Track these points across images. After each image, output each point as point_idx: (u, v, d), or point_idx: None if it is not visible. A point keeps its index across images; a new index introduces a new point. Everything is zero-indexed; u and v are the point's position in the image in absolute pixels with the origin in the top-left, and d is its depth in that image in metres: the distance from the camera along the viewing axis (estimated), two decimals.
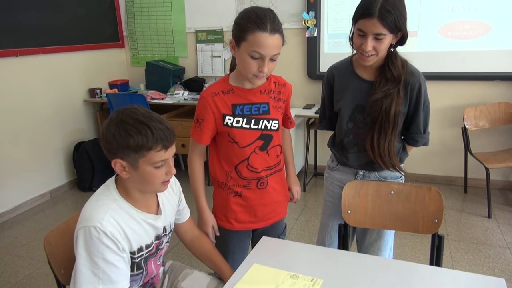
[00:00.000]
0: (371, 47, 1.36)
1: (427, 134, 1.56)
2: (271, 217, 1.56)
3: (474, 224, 2.85)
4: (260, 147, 1.44)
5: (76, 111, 3.86)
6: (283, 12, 3.65)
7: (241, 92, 1.41)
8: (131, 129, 1.06)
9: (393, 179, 1.60)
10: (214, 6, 3.87)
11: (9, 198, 3.24)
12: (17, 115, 3.27)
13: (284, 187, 1.58)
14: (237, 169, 1.45)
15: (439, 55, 3.27)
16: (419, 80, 1.46)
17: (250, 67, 1.29)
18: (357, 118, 1.53)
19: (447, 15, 3.17)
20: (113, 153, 1.10)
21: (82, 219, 1.09)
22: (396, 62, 1.43)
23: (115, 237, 1.08)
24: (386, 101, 1.43)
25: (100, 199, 1.14)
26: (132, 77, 4.41)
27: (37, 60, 3.40)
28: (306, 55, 3.65)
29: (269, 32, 1.25)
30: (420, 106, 1.49)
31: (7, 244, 2.84)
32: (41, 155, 3.51)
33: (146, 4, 4.15)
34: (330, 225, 1.72)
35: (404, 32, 1.37)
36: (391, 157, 1.50)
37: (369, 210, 1.57)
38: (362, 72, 1.52)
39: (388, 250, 1.70)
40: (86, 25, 3.87)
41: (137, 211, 1.18)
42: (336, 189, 1.68)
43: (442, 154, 3.52)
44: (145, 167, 1.10)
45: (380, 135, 1.47)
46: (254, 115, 1.42)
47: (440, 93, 3.38)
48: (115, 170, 1.13)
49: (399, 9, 1.32)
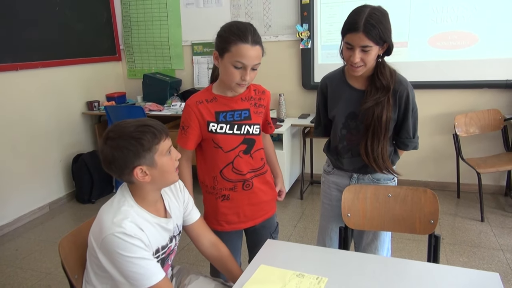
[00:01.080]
0: (359, 59, 1.45)
1: (416, 138, 1.66)
2: (260, 216, 1.65)
3: (467, 228, 2.93)
4: (244, 151, 1.53)
5: (74, 124, 3.91)
6: (278, 24, 3.75)
7: (223, 100, 1.51)
8: (138, 134, 1.15)
9: (386, 181, 1.70)
10: (210, 19, 3.97)
11: (8, 211, 3.26)
12: (16, 128, 3.30)
13: (270, 187, 1.67)
14: (223, 173, 1.54)
15: (429, 64, 3.39)
16: (407, 88, 1.56)
17: (233, 76, 1.40)
18: (350, 125, 1.62)
19: (436, 26, 3.30)
20: (131, 164, 1.16)
21: (104, 227, 1.14)
22: (385, 71, 1.53)
23: (139, 236, 1.15)
24: (377, 108, 1.52)
25: (118, 206, 1.19)
26: (129, 90, 4.47)
27: (36, 74, 3.45)
28: (300, 66, 3.75)
29: (251, 43, 1.36)
30: (409, 112, 1.58)
31: (8, 257, 2.85)
32: (39, 168, 3.54)
33: (142, 18, 4.24)
34: (329, 227, 1.79)
35: (389, 43, 1.48)
36: (384, 160, 1.59)
37: (368, 212, 1.63)
38: (354, 81, 1.61)
39: (386, 250, 1.77)
40: (83, 39, 3.94)
41: (151, 215, 1.24)
42: (333, 192, 1.76)
43: (435, 160, 3.62)
44: (161, 159, 1.19)
45: (373, 141, 1.56)
46: (237, 121, 1.51)
47: (431, 101, 3.48)
48: (137, 179, 1.18)
49: (382, 23, 1.42)
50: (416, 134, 1.66)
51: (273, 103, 3.92)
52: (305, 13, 3.59)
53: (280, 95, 3.79)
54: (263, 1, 3.76)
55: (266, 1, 3.75)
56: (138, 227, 1.17)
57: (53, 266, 2.68)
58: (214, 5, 3.93)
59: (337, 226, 1.72)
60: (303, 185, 3.66)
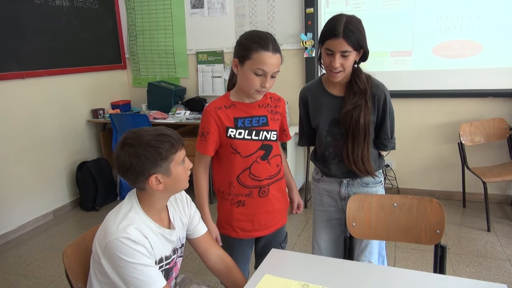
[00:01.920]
0: (339, 64, 1.50)
1: (393, 139, 1.70)
2: (273, 225, 1.65)
3: (474, 238, 2.90)
4: (262, 156, 1.55)
5: (79, 132, 3.93)
6: (282, 33, 3.77)
7: (241, 106, 1.53)
8: (156, 143, 1.17)
9: (374, 184, 1.71)
10: (215, 28, 3.99)
11: (12, 218, 3.27)
12: (21, 135, 3.32)
13: (284, 195, 1.68)
14: (239, 179, 1.54)
15: (433, 73, 3.38)
16: (383, 91, 1.61)
17: (254, 83, 1.43)
18: (334, 131, 1.66)
19: (440, 35, 3.30)
20: (147, 172, 1.17)
21: (109, 232, 1.15)
22: (361, 76, 1.59)
23: (143, 243, 1.15)
24: (355, 112, 1.57)
25: (124, 213, 1.20)
26: (134, 98, 4.49)
27: (41, 82, 3.48)
28: (305, 75, 3.76)
29: (272, 51, 1.40)
30: (386, 114, 1.63)
31: (11, 264, 2.85)
32: (44, 175, 3.55)
33: (148, 27, 4.27)
34: (319, 232, 1.81)
35: (365, 49, 1.54)
36: (364, 163, 1.62)
37: (373, 222, 1.62)
38: (332, 89, 1.66)
39: (377, 254, 1.76)
40: (89, 47, 3.97)
41: (155, 225, 1.24)
42: (325, 198, 1.79)
43: (440, 169, 3.60)
44: (176, 168, 1.21)
45: (353, 143, 1.60)
46: (255, 127, 1.53)
47: (436, 110, 3.47)
48: (150, 187, 1.19)
49: (359, 29, 1.49)
50: (393, 135, 1.70)
51: None
52: (309, 22, 3.61)
53: None
54: (268, 11, 3.78)
55: (271, 10, 3.77)
56: (142, 234, 1.17)
57: (56, 274, 2.67)
58: (219, 14, 3.96)
59: (327, 233, 1.77)
60: (307, 193, 3.65)
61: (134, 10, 4.28)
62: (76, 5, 3.77)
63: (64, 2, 3.63)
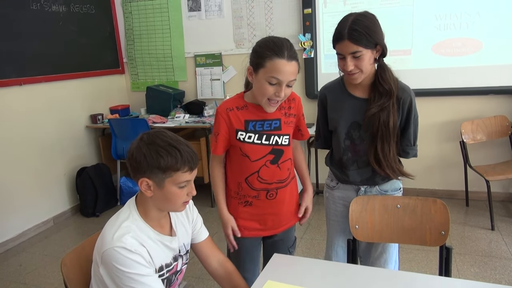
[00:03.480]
0: (352, 66, 1.44)
1: (416, 146, 1.64)
2: (281, 225, 1.62)
3: (478, 237, 2.87)
4: (271, 160, 1.51)
5: (78, 137, 3.90)
6: (280, 34, 3.67)
7: (254, 109, 1.49)
8: (162, 151, 1.13)
9: (393, 192, 1.66)
10: (212, 31, 3.97)
11: (12, 226, 3.24)
12: (20, 142, 3.30)
13: (294, 198, 1.64)
14: (248, 181, 1.52)
15: (433, 71, 3.36)
16: (410, 95, 1.55)
17: (267, 91, 1.37)
18: (353, 135, 1.59)
19: (440, 33, 3.28)
20: (141, 172, 1.16)
21: (105, 241, 1.13)
22: (385, 76, 1.50)
23: (140, 252, 1.13)
24: (383, 114, 1.50)
25: (121, 221, 1.18)
26: (132, 102, 4.47)
27: (39, 89, 3.46)
28: (304, 76, 3.73)
29: (287, 59, 1.34)
30: (411, 119, 1.56)
31: (11, 272, 2.82)
32: (44, 182, 3.52)
33: (145, 31, 4.25)
34: (336, 243, 1.75)
35: (382, 45, 1.46)
36: (397, 165, 1.57)
37: (377, 224, 1.59)
38: (354, 90, 1.58)
39: (394, 262, 1.73)
40: (87, 53, 3.95)
41: (154, 232, 1.22)
42: (339, 207, 1.71)
43: (442, 168, 3.57)
44: (170, 187, 1.17)
45: (383, 147, 1.53)
46: (266, 131, 1.49)
47: (437, 109, 3.45)
48: (140, 188, 1.18)
49: (367, 26, 1.42)
50: (416, 141, 1.64)
51: None
52: (307, 23, 3.59)
53: None
54: (265, 12, 3.76)
55: (268, 11, 3.75)
56: (139, 242, 1.15)
57: (57, 281, 2.65)
58: (216, 17, 3.94)
59: (344, 241, 1.68)
60: None
61: (131, 14, 4.26)
62: (73, 10, 3.75)
63: (61, 8, 3.61)
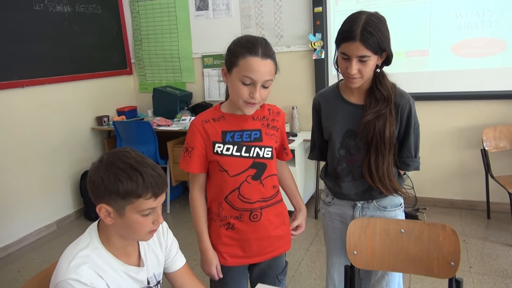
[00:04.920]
0: (356, 70, 1.32)
1: (418, 158, 1.49)
2: (269, 252, 1.45)
3: (499, 254, 2.64)
4: (253, 176, 1.36)
5: (83, 140, 3.84)
6: (290, 34, 3.58)
7: (232, 118, 1.36)
8: (121, 174, 1.00)
9: (393, 208, 1.51)
10: (220, 30, 3.84)
11: (14, 230, 3.20)
12: (23, 145, 3.25)
13: (283, 220, 1.47)
14: (228, 199, 1.37)
15: (452, 74, 3.13)
16: (409, 101, 1.42)
17: (241, 92, 1.25)
18: (348, 144, 1.46)
19: (459, 32, 3.04)
20: (100, 197, 1.04)
21: (60, 271, 1.02)
22: (384, 81, 1.40)
23: (96, 285, 1.01)
24: (378, 122, 1.37)
25: (80, 249, 1.06)
26: (140, 104, 4.39)
27: (43, 90, 3.40)
28: (314, 77, 3.56)
29: (261, 56, 1.23)
30: (410, 128, 1.43)
31: (10, 279, 2.78)
32: (47, 185, 3.47)
33: (153, 31, 4.16)
34: (337, 261, 1.61)
35: (388, 52, 1.34)
36: (391, 180, 1.42)
37: (377, 250, 1.43)
38: (350, 96, 1.46)
39: (396, 286, 1.57)
40: (93, 53, 3.88)
41: (118, 262, 1.09)
42: (337, 224, 1.58)
43: (462, 177, 3.33)
44: (132, 215, 1.04)
45: (377, 158, 1.40)
46: (246, 142, 1.35)
47: (456, 114, 3.22)
48: (99, 215, 1.06)
49: (381, 30, 1.29)
50: (418, 153, 1.49)
51: (286, 117, 3.75)
52: (318, 22, 3.41)
53: (293, 108, 3.61)
54: (274, 11, 3.60)
55: (278, 10, 3.59)
56: (97, 274, 1.02)
57: None
58: (224, 16, 3.80)
59: (346, 259, 1.52)
60: (317, 203, 3.45)
61: (138, 14, 4.17)
62: (78, 10, 3.68)
63: (66, 8, 3.55)
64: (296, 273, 2.61)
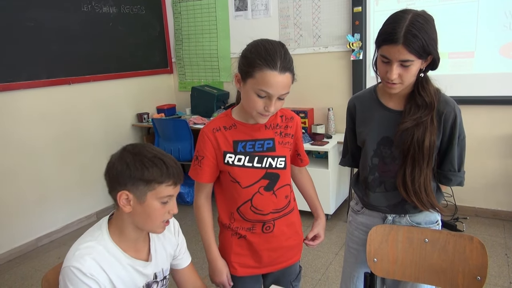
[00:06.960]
0: (396, 75, 1.21)
1: (462, 172, 1.36)
2: (280, 262, 1.42)
3: None
4: (265, 187, 1.32)
5: (124, 135, 4.00)
6: (327, 35, 3.53)
7: (244, 127, 1.31)
8: (148, 162, 1.07)
9: (428, 225, 1.40)
10: (259, 30, 3.85)
11: (56, 219, 3.39)
12: (66, 139, 3.44)
13: (296, 230, 1.44)
14: (240, 211, 1.34)
15: (500, 76, 2.94)
16: (454, 109, 1.29)
17: (256, 105, 1.20)
18: (383, 152, 1.36)
19: (509, 33, 2.86)
20: (122, 184, 1.08)
21: (67, 258, 1.07)
22: (427, 87, 1.27)
23: (96, 278, 1.04)
24: (418, 130, 1.26)
25: (88, 240, 1.10)
26: (179, 102, 4.51)
27: (88, 88, 3.58)
28: (351, 79, 3.49)
29: (279, 70, 1.15)
30: (454, 139, 1.31)
31: (50, 264, 2.94)
32: (88, 178, 3.64)
33: (193, 31, 4.25)
34: (355, 275, 1.53)
35: (434, 55, 1.22)
36: (428, 194, 1.30)
37: (399, 259, 1.37)
38: (388, 100, 1.36)
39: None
40: (136, 52, 4.04)
41: (125, 255, 1.12)
42: (361, 234, 1.49)
43: (507, 186, 3.13)
44: (152, 201, 1.08)
45: (413, 169, 1.29)
46: (258, 152, 1.31)
47: (503, 119, 3.03)
48: (118, 203, 1.09)
49: (427, 32, 1.17)
50: (462, 167, 1.36)
51: (321, 118, 3.71)
52: (357, 22, 3.33)
53: (329, 109, 3.55)
54: (313, 11, 3.56)
55: (316, 10, 3.55)
56: (99, 266, 1.06)
57: None
58: (263, 16, 3.81)
59: (360, 278, 1.47)
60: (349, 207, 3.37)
61: (180, 14, 4.28)
62: (123, 11, 3.84)
63: (111, 9, 3.71)
64: (323, 277, 2.57)
